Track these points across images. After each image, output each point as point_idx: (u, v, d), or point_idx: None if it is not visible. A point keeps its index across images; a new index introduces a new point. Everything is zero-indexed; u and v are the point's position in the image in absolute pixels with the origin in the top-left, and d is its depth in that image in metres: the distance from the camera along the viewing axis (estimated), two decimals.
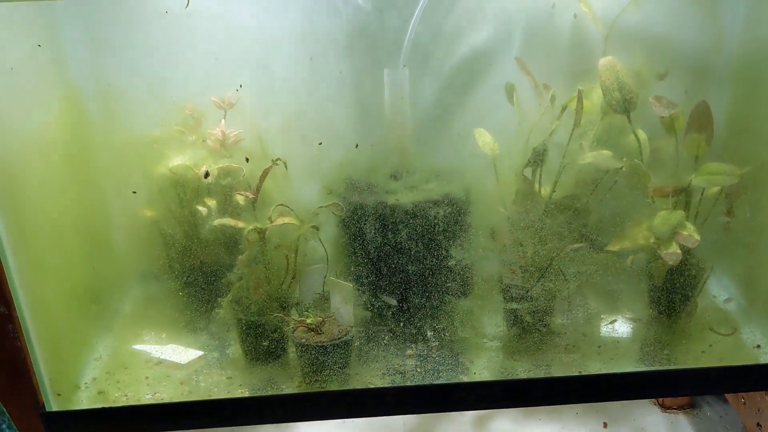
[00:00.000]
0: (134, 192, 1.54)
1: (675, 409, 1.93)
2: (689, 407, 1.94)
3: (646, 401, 1.98)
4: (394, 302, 1.50)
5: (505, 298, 1.52)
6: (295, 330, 1.43)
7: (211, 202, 1.51)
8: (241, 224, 1.43)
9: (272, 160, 1.40)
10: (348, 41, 1.52)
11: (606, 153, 1.40)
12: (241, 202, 1.46)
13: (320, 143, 1.50)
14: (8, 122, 1.29)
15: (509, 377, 1.43)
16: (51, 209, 1.43)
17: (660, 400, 1.96)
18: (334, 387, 1.41)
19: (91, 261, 1.57)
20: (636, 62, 1.49)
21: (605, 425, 1.87)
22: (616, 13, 1.44)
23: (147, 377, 1.48)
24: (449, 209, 1.47)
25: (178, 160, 1.52)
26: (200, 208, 1.50)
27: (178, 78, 1.55)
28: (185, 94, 1.55)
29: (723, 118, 1.53)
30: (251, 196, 1.41)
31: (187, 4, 1.28)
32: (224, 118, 1.57)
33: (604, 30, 1.45)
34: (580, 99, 1.36)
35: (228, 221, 1.43)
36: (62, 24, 1.50)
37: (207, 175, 1.47)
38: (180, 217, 1.56)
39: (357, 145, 1.50)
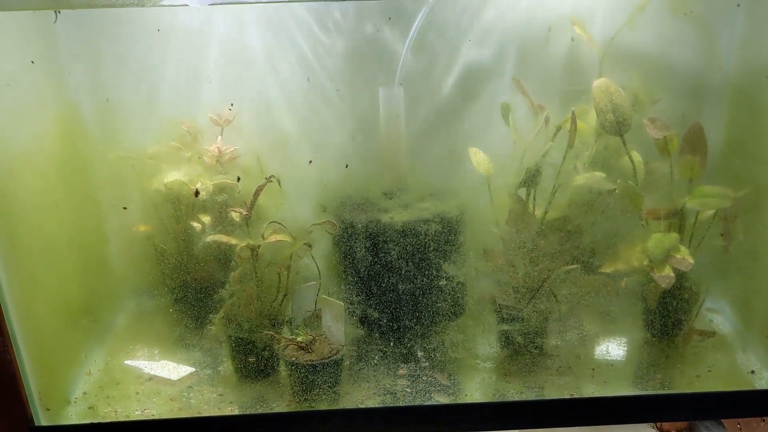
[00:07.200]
0: (125, 208, 1.54)
1: None
2: (688, 431, 1.91)
3: (645, 425, 1.94)
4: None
5: (498, 318, 1.51)
6: (285, 348, 1.43)
7: (206, 219, 1.51)
8: (233, 241, 1.42)
9: (266, 177, 1.40)
10: (345, 60, 1.53)
11: (599, 174, 1.39)
12: (236, 219, 1.46)
13: (310, 161, 1.51)
14: (2, 136, 1.30)
15: (501, 399, 1.42)
16: (44, 223, 1.44)
17: (659, 424, 1.93)
18: (323, 406, 1.40)
19: (84, 275, 1.58)
20: (633, 84, 1.48)
21: None
22: (612, 36, 1.45)
23: (137, 393, 1.48)
24: (442, 228, 1.46)
25: (173, 176, 1.53)
26: (194, 224, 1.51)
27: (176, 95, 1.56)
28: (183, 110, 1.57)
29: (720, 140, 1.52)
30: (245, 212, 1.41)
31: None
32: (221, 135, 1.58)
33: (600, 52, 1.46)
34: (573, 120, 1.36)
35: (221, 238, 1.43)
36: (59, 38, 1.51)
37: (197, 193, 1.47)
38: (174, 232, 1.57)
39: (347, 165, 1.50)
